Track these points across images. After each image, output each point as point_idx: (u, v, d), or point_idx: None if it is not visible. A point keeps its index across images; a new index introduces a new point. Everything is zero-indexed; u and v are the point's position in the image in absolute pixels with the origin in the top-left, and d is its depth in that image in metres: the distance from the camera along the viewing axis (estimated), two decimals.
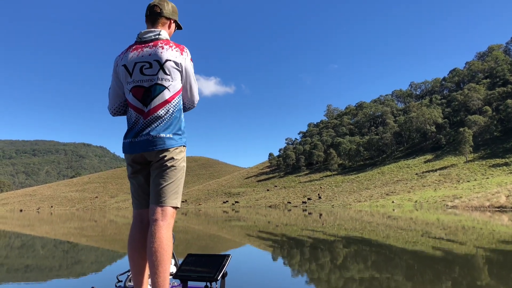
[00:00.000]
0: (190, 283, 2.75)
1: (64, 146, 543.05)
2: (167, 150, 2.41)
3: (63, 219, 36.81)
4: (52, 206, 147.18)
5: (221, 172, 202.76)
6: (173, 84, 2.47)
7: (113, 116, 2.68)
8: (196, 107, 2.73)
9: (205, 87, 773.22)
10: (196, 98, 2.66)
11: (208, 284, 2.63)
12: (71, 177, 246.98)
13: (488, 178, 66.45)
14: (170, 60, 2.44)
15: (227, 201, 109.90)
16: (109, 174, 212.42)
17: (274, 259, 8.34)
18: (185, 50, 2.53)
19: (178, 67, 2.48)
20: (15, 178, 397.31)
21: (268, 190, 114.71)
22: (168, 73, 2.45)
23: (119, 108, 2.64)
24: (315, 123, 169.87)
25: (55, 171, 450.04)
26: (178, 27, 2.77)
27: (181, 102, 2.56)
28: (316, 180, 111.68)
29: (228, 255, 2.72)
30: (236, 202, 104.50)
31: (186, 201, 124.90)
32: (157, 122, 2.42)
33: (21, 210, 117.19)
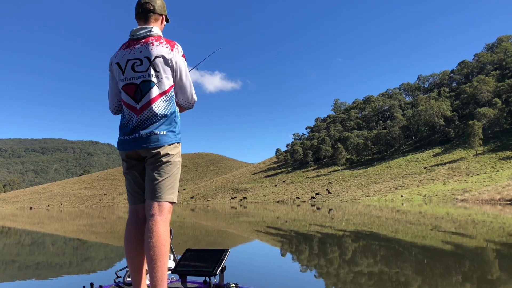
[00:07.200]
0: (189, 278, 2.77)
1: (73, 144, 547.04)
2: (161, 146, 2.41)
3: (73, 216, 37.14)
4: (61, 204, 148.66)
5: (229, 168, 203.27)
6: (163, 81, 2.46)
7: (115, 115, 2.69)
8: (197, 104, 2.68)
9: (210, 82, 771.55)
10: (191, 95, 2.61)
11: (207, 278, 2.65)
12: (80, 175, 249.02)
13: (498, 171, 65.76)
14: (159, 57, 2.44)
15: (235, 197, 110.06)
16: (117, 171, 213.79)
17: (283, 254, 8.33)
18: (175, 46, 2.53)
19: (169, 63, 2.46)
20: (24, 176, 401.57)
21: (276, 185, 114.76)
22: (157, 69, 2.44)
23: (119, 106, 2.65)
24: (322, 117, 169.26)
25: (63, 169, 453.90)
26: (166, 20, 2.77)
27: (174, 98, 2.54)
28: (324, 175, 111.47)
29: (226, 250, 2.72)
30: (244, 198, 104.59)
31: (194, 197, 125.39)
32: (150, 119, 2.42)
33: (31, 208, 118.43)
